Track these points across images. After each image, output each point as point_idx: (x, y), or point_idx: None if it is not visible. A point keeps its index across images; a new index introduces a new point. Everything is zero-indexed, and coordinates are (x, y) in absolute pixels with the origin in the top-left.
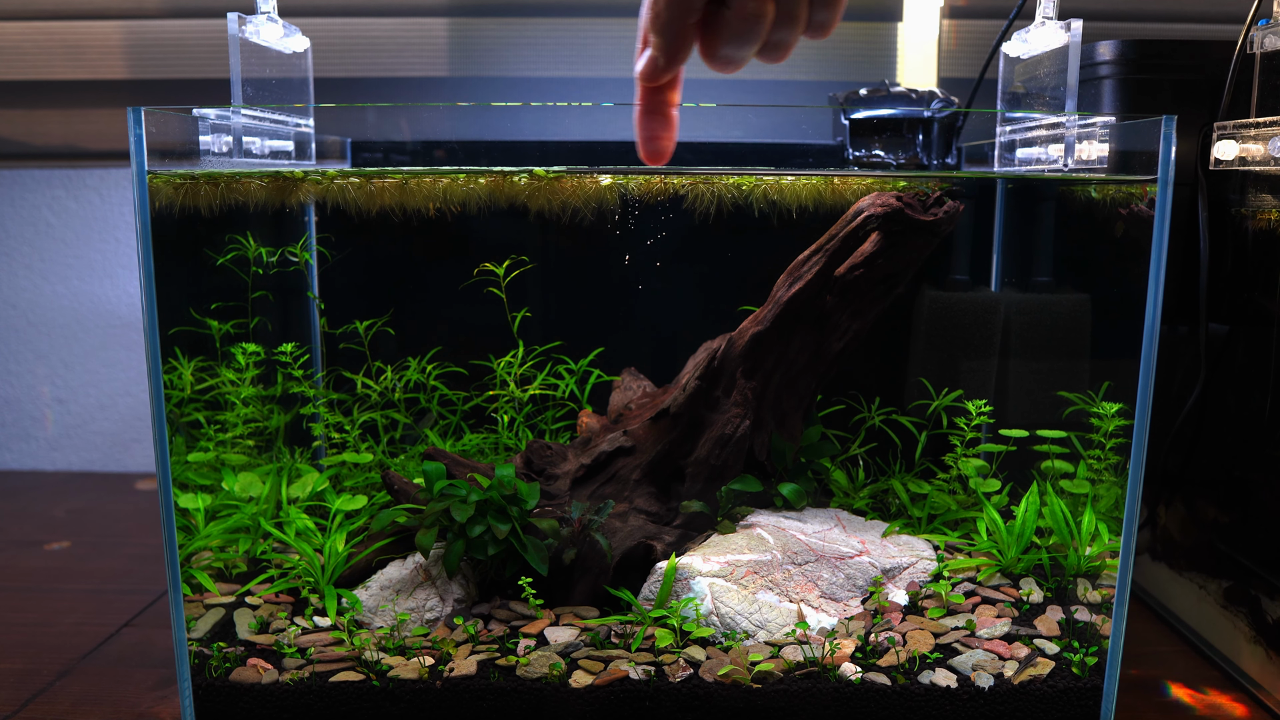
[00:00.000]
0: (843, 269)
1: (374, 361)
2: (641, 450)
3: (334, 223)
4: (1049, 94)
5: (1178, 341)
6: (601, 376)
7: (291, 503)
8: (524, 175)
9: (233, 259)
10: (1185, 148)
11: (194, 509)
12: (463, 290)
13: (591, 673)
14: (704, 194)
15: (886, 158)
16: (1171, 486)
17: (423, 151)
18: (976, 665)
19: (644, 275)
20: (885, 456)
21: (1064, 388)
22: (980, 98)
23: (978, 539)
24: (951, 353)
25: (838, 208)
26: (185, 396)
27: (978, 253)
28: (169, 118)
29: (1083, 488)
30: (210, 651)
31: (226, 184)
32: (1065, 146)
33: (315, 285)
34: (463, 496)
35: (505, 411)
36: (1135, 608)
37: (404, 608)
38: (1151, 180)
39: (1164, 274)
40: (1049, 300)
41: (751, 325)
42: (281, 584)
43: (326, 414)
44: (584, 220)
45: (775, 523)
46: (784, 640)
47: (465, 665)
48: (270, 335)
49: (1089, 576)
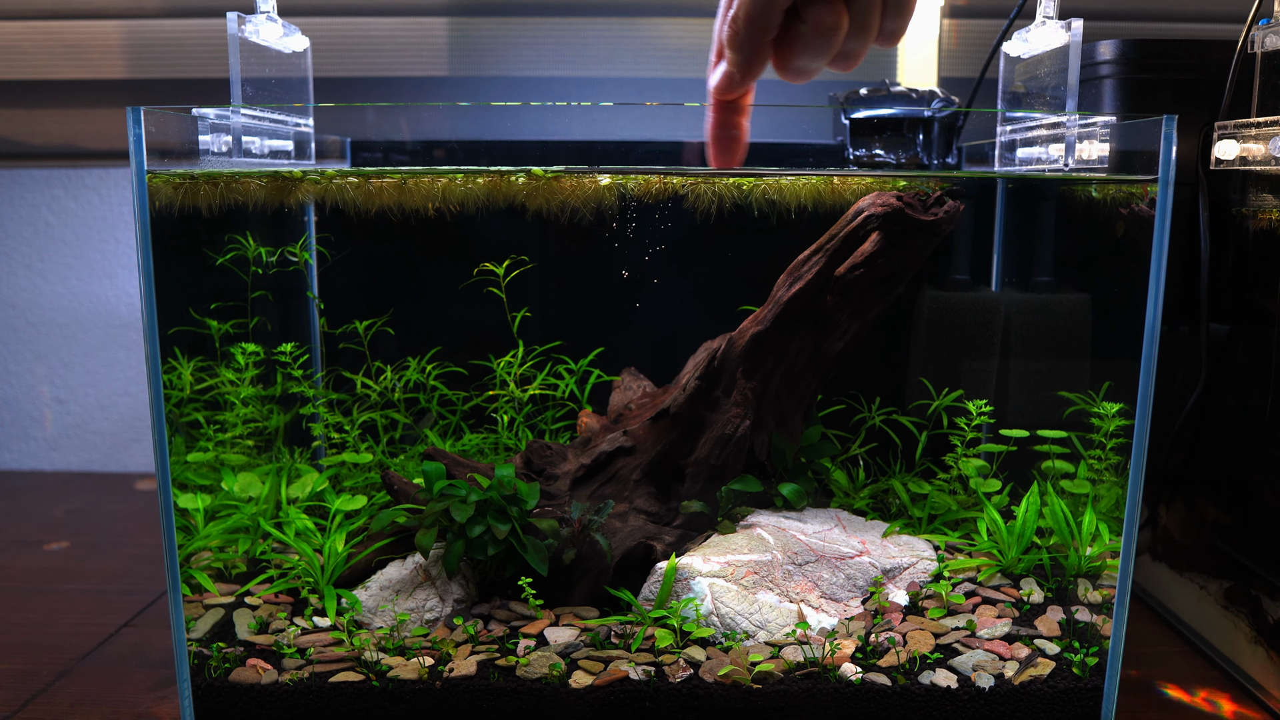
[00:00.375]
0: (843, 269)
1: (373, 361)
2: (641, 450)
3: (333, 222)
4: (1049, 94)
5: (1178, 341)
6: (601, 376)
7: (291, 503)
8: (522, 175)
9: (232, 259)
10: (1186, 147)
11: (193, 509)
12: (462, 290)
13: (591, 673)
14: (704, 194)
15: (887, 157)
16: (1172, 486)
17: (422, 151)
18: (977, 665)
19: (644, 275)
20: (885, 456)
21: (1064, 388)
22: (981, 97)
23: (978, 539)
24: (952, 352)
25: (838, 207)
26: (185, 396)
27: (978, 252)
28: (168, 117)
29: (1083, 488)
30: (210, 652)
31: (226, 184)
32: (1066, 146)
33: (315, 285)
34: (462, 496)
35: (505, 411)
36: (1136, 608)
37: (404, 608)
38: (1152, 180)
39: (1164, 274)
40: (1049, 300)
41: (752, 325)
42: (281, 584)
43: (326, 414)
44: (583, 220)
45: (775, 523)
46: (784, 640)
47: (465, 665)
48: (270, 335)
49: (1089, 577)
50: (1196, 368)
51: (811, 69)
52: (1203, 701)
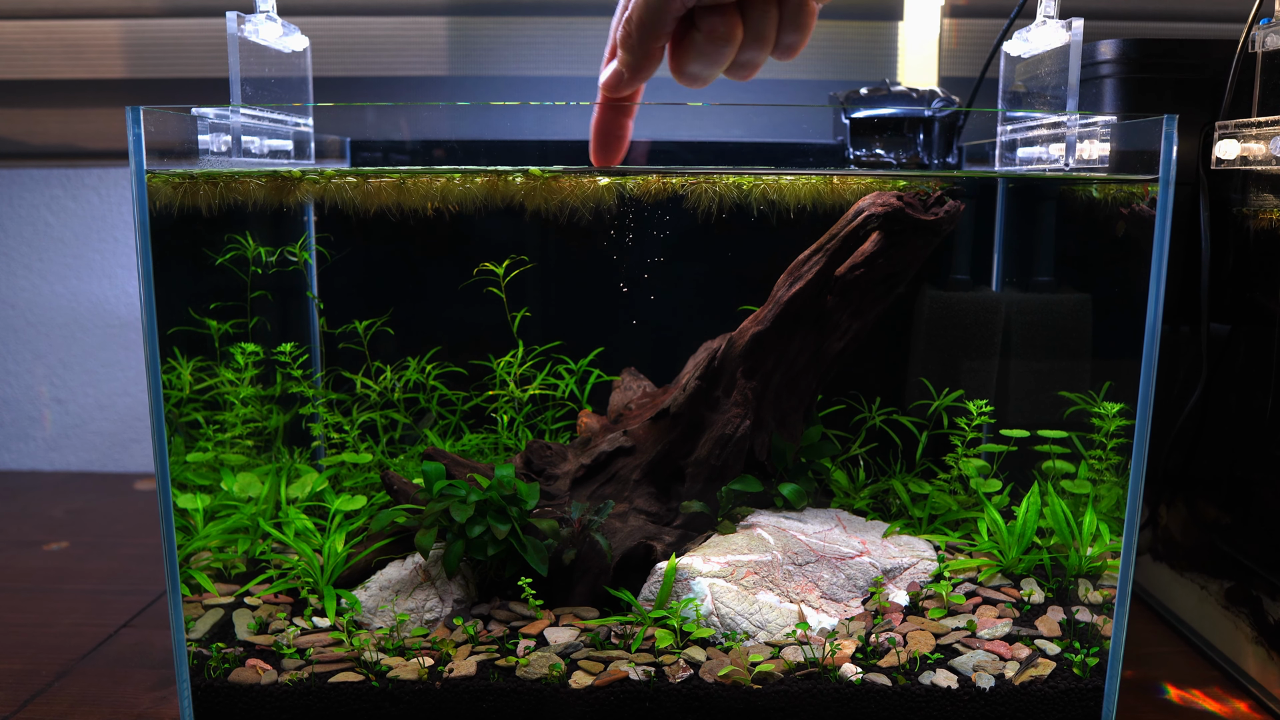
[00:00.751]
0: (843, 269)
1: (373, 361)
2: (641, 450)
3: (333, 222)
4: (1050, 93)
5: (1179, 341)
6: (601, 376)
7: (290, 503)
8: (520, 175)
9: (231, 259)
10: (1187, 147)
11: (193, 509)
12: (462, 290)
13: (591, 673)
14: (704, 193)
15: (887, 157)
16: (1173, 487)
17: (422, 151)
18: (977, 666)
19: (644, 275)
20: (886, 457)
21: (1065, 388)
22: (981, 97)
23: (978, 539)
24: (952, 352)
25: (838, 207)
26: (184, 396)
27: (979, 252)
28: (168, 117)
29: (1084, 488)
30: (209, 652)
31: (225, 183)
32: (1066, 146)
33: (314, 285)
34: (462, 497)
35: (505, 411)
36: (1136, 608)
37: (403, 608)
38: (1153, 179)
39: (1165, 273)
40: (1050, 300)
41: (752, 325)
42: (280, 584)
43: (326, 414)
44: (583, 220)
45: (776, 523)
46: (784, 641)
47: (465, 666)
48: (269, 335)
49: (1090, 577)
50: (1197, 367)
51: (705, 76)
52: (1203, 702)
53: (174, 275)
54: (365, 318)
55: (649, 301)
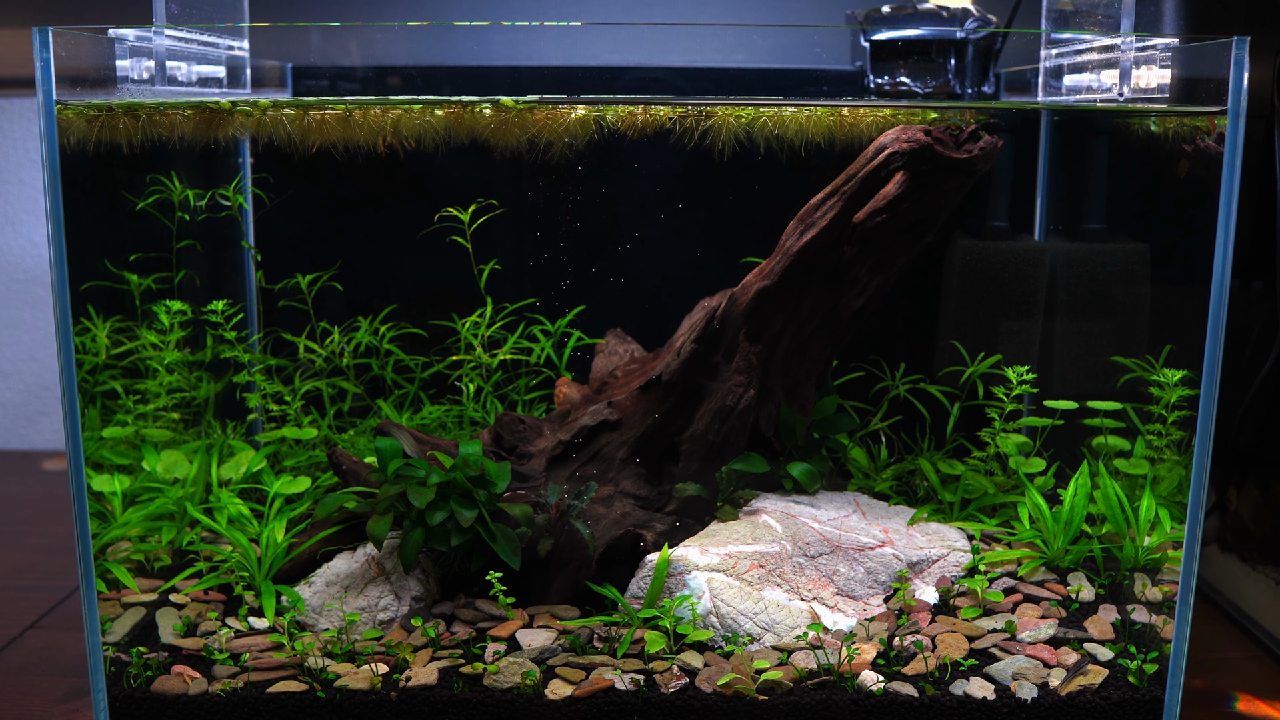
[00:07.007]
0: (862, 215)
1: (319, 322)
2: (629, 424)
3: (272, 162)
4: (1101, 11)
5: (1250, 298)
6: (582, 339)
7: (223, 485)
8: (489, 106)
9: (155, 203)
10: (1259, 74)
11: (110, 492)
12: (422, 239)
13: (571, 682)
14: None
15: (913, 86)
16: (1243, 466)
17: (375, 78)
18: (1017, 673)
19: (631, 222)
20: (911, 432)
21: (1119, 352)
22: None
23: (1019, 527)
24: (989, 312)
25: (856, 144)
26: (100, 362)
27: (1019, 196)
28: (81, 39)
29: (1141, 468)
30: (129, 657)
31: (148, 116)
32: (1120, 73)
33: (250, 234)
34: (421, 478)
35: (471, 380)
36: (1202, 607)
37: (353, 607)
38: (1221, 111)
39: (1235, 220)
40: (1101, 250)
41: (756, 280)
42: (211, 579)
43: (264, 383)
44: (561, 159)
45: (784, 508)
46: (794, 645)
47: (425, 673)
48: (198, 291)
49: (1148, 571)
50: (1272, 329)
51: None
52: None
53: (88, 222)
54: (309, 271)
55: (638, 253)
